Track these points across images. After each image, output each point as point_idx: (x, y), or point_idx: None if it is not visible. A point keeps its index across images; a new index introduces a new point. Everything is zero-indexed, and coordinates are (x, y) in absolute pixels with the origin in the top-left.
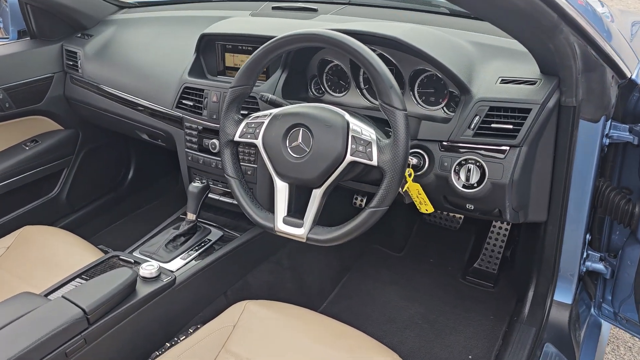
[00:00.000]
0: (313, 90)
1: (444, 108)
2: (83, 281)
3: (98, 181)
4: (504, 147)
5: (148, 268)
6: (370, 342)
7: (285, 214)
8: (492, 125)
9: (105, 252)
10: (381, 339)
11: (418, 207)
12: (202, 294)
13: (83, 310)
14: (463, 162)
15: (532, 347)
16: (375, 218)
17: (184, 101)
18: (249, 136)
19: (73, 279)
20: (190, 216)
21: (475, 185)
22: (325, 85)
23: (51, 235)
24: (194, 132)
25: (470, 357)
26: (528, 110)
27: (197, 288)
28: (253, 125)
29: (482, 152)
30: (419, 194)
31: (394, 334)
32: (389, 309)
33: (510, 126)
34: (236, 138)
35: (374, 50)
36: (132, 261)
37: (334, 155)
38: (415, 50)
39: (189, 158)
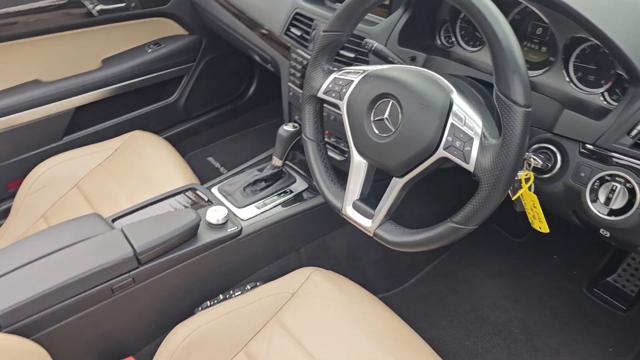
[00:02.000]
0: (442, 38)
1: (605, 94)
2: (153, 212)
3: (217, 92)
4: None
5: (215, 214)
6: None
7: (357, 197)
8: None
9: (213, 166)
10: (462, 340)
11: (530, 222)
12: (271, 247)
13: (134, 250)
14: (607, 178)
15: None
16: (457, 237)
17: (292, 29)
18: (333, 95)
19: (146, 206)
20: (276, 161)
21: (617, 212)
22: (458, 35)
23: (154, 145)
24: (299, 66)
25: None
26: None
27: (266, 242)
28: (341, 82)
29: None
30: (534, 207)
31: (479, 338)
32: (485, 305)
33: None
34: (320, 94)
35: (514, 4)
36: (206, 199)
37: (423, 145)
38: (574, 15)
39: (290, 93)
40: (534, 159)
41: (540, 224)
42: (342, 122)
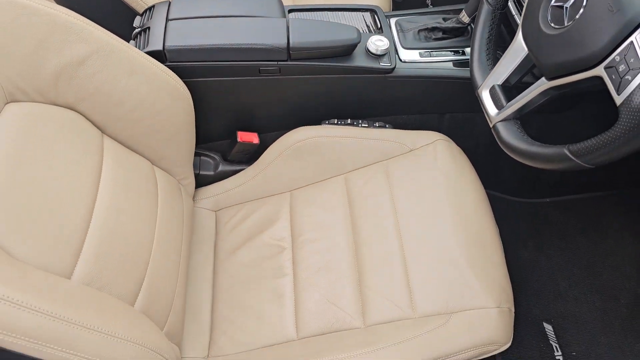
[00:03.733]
0: None
1: None
2: (326, 17)
3: None
4: None
5: (375, 43)
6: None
7: (500, 82)
8: None
9: None
10: (559, 279)
11: None
12: (417, 100)
13: (288, 44)
14: None
15: None
16: (564, 167)
17: None
18: None
19: (324, 9)
20: (464, 17)
21: None
22: None
23: None
24: None
25: None
26: None
27: (414, 91)
28: None
29: None
30: None
31: (576, 285)
32: (605, 260)
33: None
34: None
35: None
36: (379, 26)
37: (584, 54)
38: None
39: None
40: None
41: None
42: None
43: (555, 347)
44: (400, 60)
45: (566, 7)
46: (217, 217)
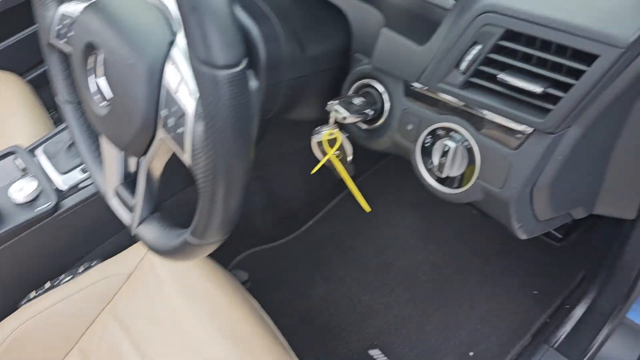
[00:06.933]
0: None
1: None
2: None
3: None
4: (518, 128)
5: (20, 191)
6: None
7: (121, 181)
8: (504, 75)
9: None
10: (359, 294)
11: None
12: (107, 220)
13: None
14: (440, 133)
15: None
16: (197, 254)
17: None
18: (61, 38)
19: None
20: None
21: (455, 183)
22: None
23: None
24: None
25: (471, 354)
26: (593, 58)
27: (98, 213)
28: (67, 20)
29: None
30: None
31: (378, 290)
32: (391, 248)
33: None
34: (52, 39)
35: None
36: (22, 167)
37: (138, 122)
38: None
39: None
40: (337, 110)
41: (361, 200)
42: None
43: None
44: (62, 190)
45: (97, 81)
46: None
